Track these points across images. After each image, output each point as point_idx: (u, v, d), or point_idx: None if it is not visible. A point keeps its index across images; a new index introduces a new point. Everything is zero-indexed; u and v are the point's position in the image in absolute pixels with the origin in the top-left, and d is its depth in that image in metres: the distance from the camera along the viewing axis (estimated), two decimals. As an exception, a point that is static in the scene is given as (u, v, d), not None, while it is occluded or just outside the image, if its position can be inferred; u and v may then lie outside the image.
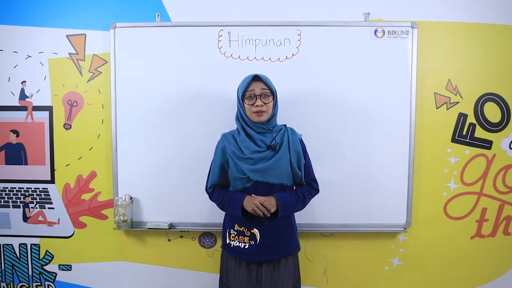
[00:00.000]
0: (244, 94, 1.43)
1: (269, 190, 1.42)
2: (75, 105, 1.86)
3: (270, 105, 1.43)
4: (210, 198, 1.54)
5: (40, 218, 1.92)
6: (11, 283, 1.98)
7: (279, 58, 1.76)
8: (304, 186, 1.50)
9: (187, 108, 1.78)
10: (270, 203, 1.38)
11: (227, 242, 1.49)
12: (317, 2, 1.79)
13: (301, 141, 1.51)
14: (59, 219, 1.92)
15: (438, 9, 1.79)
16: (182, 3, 1.81)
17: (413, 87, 1.76)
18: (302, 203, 1.47)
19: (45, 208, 1.91)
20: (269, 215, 1.39)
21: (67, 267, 1.96)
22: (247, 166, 1.41)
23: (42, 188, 1.90)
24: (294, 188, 1.51)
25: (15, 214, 1.93)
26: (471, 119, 1.83)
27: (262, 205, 1.37)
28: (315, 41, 1.75)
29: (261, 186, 1.42)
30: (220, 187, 1.52)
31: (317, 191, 1.54)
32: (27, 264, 1.97)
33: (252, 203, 1.38)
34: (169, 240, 1.91)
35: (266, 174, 1.41)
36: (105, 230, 1.90)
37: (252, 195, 1.42)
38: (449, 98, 1.82)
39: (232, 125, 1.54)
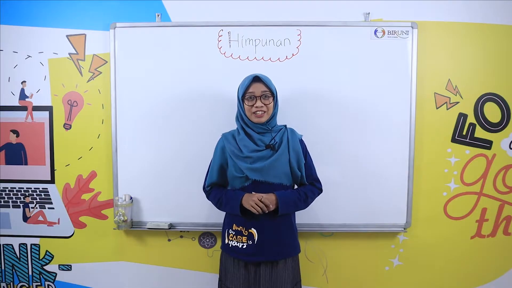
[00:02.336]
0: (244, 95, 1.42)
1: (268, 190, 1.41)
2: (75, 105, 1.86)
3: (270, 106, 1.42)
4: (207, 197, 1.54)
5: (40, 218, 1.92)
6: (11, 283, 1.98)
7: (279, 58, 1.76)
8: (307, 185, 1.50)
9: (187, 108, 1.78)
10: (269, 199, 1.37)
11: (226, 242, 1.49)
12: (317, 2, 1.79)
13: (301, 141, 1.51)
14: (59, 219, 1.92)
15: (438, 9, 1.79)
16: (182, 3, 1.81)
17: (413, 87, 1.76)
18: (304, 202, 1.46)
19: (45, 208, 1.91)
20: (267, 211, 1.37)
21: (67, 267, 1.96)
22: (246, 165, 1.41)
23: (42, 188, 1.90)
24: (295, 187, 1.51)
25: (15, 214, 1.92)
26: (471, 119, 1.83)
27: (260, 201, 1.35)
28: (315, 41, 1.75)
29: (260, 185, 1.41)
30: (218, 186, 1.52)
31: (320, 190, 1.53)
32: (27, 264, 1.97)
33: (251, 199, 1.36)
34: (169, 240, 1.91)
35: (264, 173, 1.40)
36: (105, 230, 1.90)
37: (253, 192, 1.40)
38: (449, 98, 1.82)
39: (231, 125, 1.54)
